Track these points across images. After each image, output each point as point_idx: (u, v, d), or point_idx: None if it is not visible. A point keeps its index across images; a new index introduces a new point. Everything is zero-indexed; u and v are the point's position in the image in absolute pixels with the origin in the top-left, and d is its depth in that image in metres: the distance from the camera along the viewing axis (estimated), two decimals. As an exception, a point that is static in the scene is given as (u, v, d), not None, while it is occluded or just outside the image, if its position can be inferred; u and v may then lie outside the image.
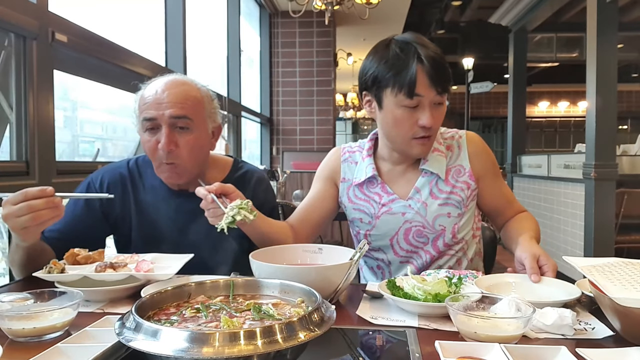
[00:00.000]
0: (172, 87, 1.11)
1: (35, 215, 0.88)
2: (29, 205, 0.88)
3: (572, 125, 12.43)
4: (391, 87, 1.08)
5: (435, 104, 1.10)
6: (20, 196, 0.89)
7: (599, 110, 3.46)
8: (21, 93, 1.54)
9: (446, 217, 1.16)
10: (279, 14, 5.20)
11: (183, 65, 2.81)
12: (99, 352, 0.61)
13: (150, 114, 1.09)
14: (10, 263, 1.08)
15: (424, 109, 1.08)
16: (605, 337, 0.73)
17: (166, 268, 0.96)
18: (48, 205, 0.89)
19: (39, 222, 0.89)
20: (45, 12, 1.61)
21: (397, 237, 1.20)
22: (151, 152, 1.11)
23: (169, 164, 1.11)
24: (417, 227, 1.18)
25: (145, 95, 1.12)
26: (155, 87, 1.12)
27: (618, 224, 3.61)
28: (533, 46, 6.88)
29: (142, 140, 1.14)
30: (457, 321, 0.71)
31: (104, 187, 1.20)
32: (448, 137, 1.23)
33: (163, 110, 1.08)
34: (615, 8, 3.48)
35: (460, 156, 1.20)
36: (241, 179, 1.26)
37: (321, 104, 5.23)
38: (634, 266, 0.79)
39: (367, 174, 1.22)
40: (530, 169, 5.07)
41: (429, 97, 1.08)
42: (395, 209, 1.19)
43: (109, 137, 2.56)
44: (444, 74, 1.08)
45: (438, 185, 1.17)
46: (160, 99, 1.09)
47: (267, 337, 0.54)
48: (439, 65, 1.07)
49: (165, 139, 1.07)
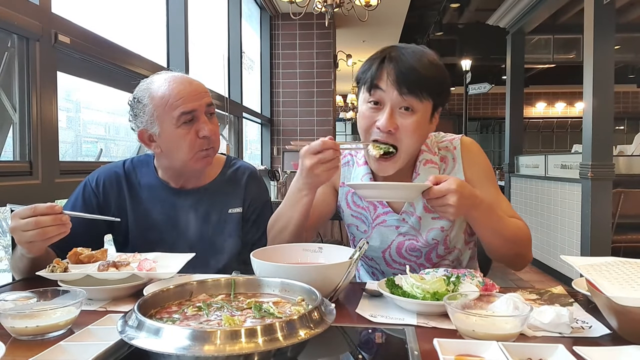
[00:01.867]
0: (191, 81, 1.16)
1: (42, 232, 0.90)
2: (36, 221, 0.90)
3: (569, 126, 12.45)
4: (362, 84, 1.08)
5: (402, 109, 1.02)
6: (28, 211, 0.90)
7: (596, 111, 3.47)
8: (24, 94, 1.54)
9: (439, 230, 1.12)
10: (280, 16, 5.21)
11: (185, 66, 2.81)
12: (102, 350, 0.62)
13: (190, 107, 1.11)
14: (12, 269, 1.09)
15: (384, 110, 1.02)
16: (602, 336, 0.73)
17: (168, 267, 0.97)
18: (55, 222, 0.91)
19: (45, 238, 0.91)
20: (48, 13, 1.61)
21: (390, 251, 1.17)
22: (191, 144, 1.13)
23: (208, 150, 1.15)
24: (410, 240, 1.14)
25: (170, 93, 1.12)
26: (175, 83, 1.13)
27: (614, 223, 3.62)
28: (530, 48, 6.90)
29: (175, 136, 1.12)
30: (456, 319, 0.71)
31: (99, 186, 1.21)
32: (442, 148, 1.17)
33: (200, 101, 1.13)
34: (612, 10, 3.50)
35: (455, 168, 1.14)
36: (234, 174, 1.28)
37: (321, 105, 5.24)
38: (631, 265, 0.80)
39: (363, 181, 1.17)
40: (527, 169, 5.09)
41: (390, 96, 1.01)
42: (389, 221, 1.16)
43: (112, 137, 2.56)
44: (411, 76, 1.00)
45: None
46: (193, 90, 1.13)
47: (268, 335, 0.54)
48: (408, 66, 1.01)
49: (209, 126, 1.14)
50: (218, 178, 1.26)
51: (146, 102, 1.13)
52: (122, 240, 1.24)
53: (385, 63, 1.03)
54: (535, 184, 4.82)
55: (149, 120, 1.13)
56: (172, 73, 1.17)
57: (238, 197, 1.25)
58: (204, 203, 1.22)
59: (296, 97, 5.26)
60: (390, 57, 1.03)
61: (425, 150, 1.14)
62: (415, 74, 1.01)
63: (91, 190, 1.21)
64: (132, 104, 1.16)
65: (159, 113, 1.12)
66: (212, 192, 1.24)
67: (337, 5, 3.46)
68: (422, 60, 1.03)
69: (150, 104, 1.12)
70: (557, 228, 4.30)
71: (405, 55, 1.03)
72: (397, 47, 1.07)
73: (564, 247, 4.17)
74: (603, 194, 3.54)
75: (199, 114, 1.13)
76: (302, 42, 5.22)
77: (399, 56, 1.03)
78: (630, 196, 3.64)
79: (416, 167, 1.13)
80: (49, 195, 1.60)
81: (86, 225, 1.16)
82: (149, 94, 1.13)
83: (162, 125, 1.12)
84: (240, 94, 4.29)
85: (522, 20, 5.12)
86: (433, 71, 1.03)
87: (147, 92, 1.14)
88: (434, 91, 1.03)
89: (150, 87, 1.14)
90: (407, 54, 1.04)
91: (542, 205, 4.63)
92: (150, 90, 1.13)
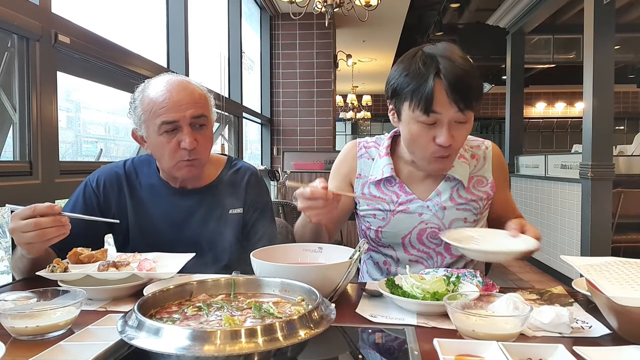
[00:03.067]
0: (184, 88, 1.12)
1: (41, 233, 0.90)
2: (36, 223, 0.89)
3: (569, 126, 12.45)
4: (409, 101, 1.04)
5: (457, 122, 1.04)
6: (28, 211, 0.90)
7: (596, 111, 3.47)
8: (24, 94, 1.54)
9: (462, 222, 1.17)
10: (280, 16, 5.21)
11: (185, 66, 2.81)
12: (102, 350, 0.62)
13: (172, 117, 1.09)
14: (12, 269, 1.09)
15: (442, 127, 1.03)
16: (602, 336, 0.73)
17: (168, 267, 0.97)
18: (55, 224, 0.91)
19: (44, 240, 0.91)
20: (48, 13, 1.61)
21: (410, 237, 1.19)
22: (171, 153, 1.12)
23: (191, 160, 1.13)
24: (432, 228, 1.17)
25: (156, 99, 1.10)
26: (165, 90, 1.10)
27: (614, 223, 3.63)
28: (530, 48, 6.90)
29: (157, 143, 1.12)
30: (455, 319, 0.71)
31: (100, 186, 1.21)
32: (474, 146, 1.23)
33: (184, 112, 1.09)
34: (612, 9, 3.50)
35: (484, 167, 1.22)
36: (234, 175, 1.27)
37: (321, 104, 5.24)
38: (631, 265, 0.80)
39: (385, 174, 1.19)
40: (527, 169, 5.09)
41: (448, 115, 1.02)
42: (412, 208, 1.18)
43: (112, 137, 2.57)
44: (467, 91, 1.01)
45: (459, 191, 1.18)
46: (179, 101, 1.10)
47: (268, 335, 0.54)
48: (462, 81, 1.00)
49: (189, 139, 1.10)
50: (219, 179, 1.26)
51: (137, 103, 1.13)
52: (123, 240, 1.24)
53: (437, 80, 1.01)
54: (535, 184, 4.82)
55: (138, 122, 1.14)
56: (170, 77, 1.15)
57: (239, 198, 1.25)
58: (204, 203, 1.22)
59: (296, 97, 5.26)
60: (440, 74, 1.01)
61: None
62: (470, 90, 1.02)
63: (92, 190, 1.21)
64: (130, 102, 1.17)
65: (146, 117, 1.12)
66: (213, 193, 1.24)
67: (337, 5, 3.46)
68: (469, 72, 1.02)
69: (140, 107, 1.13)
70: (557, 228, 4.30)
71: (455, 68, 1.01)
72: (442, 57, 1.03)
73: (564, 247, 4.17)
74: (603, 194, 3.54)
75: (181, 124, 1.10)
76: (302, 42, 5.22)
77: (450, 70, 1.01)
78: (630, 196, 3.64)
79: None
80: (48, 195, 1.60)
81: (86, 225, 1.16)
82: (142, 96, 1.13)
83: (147, 129, 1.13)
84: (240, 94, 4.29)
85: (522, 20, 5.12)
86: (477, 76, 1.04)
87: (141, 94, 1.14)
88: (480, 96, 1.05)
89: (145, 89, 1.14)
90: (456, 65, 1.01)
91: (542, 205, 4.63)
92: (144, 93, 1.13)
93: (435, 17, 7.69)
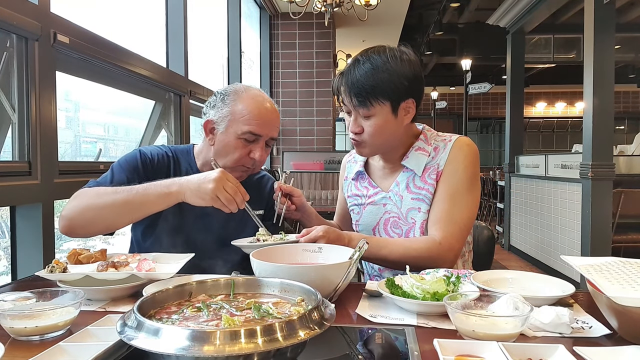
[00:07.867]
0: (274, 111, 1.25)
1: (231, 200, 1.03)
2: (237, 190, 1.04)
3: (569, 126, 12.46)
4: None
5: (364, 117, 1.15)
6: (232, 178, 1.06)
7: (596, 111, 3.47)
8: (23, 94, 1.54)
9: (417, 211, 1.21)
10: (279, 16, 5.21)
11: (184, 66, 2.81)
12: (101, 351, 0.62)
13: (259, 131, 1.19)
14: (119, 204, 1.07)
15: (350, 117, 1.18)
16: (603, 336, 0.73)
17: (167, 267, 0.97)
18: (241, 203, 1.06)
19: (233, 200, 1.03)
20: (47, 13, 1.61)
21: (379, 227, 1.28)
22: (240, 157, 1.21)
23: (248, 169, 1.24)
24: (393, 217, 1.25)
25: (251, 110, 1.19)
26: (262, 106, 1.21)
27: (615, 223, 3.62)
28: (531, 47, 6.90)
29: (232, 143, 1.20)
30: (456, 319, 0.71)
31: (154, 160, 1.25)
32: (440, 140, 1.24)
33: (269, 131, 1.22)
34: (612, 9, 3.50)
35: (440, 157, 1.21)
36: (259, 181, 1.38)
37: (321, 104, 5.24)
38: (632, 265, 0.80)
39: (356, 170, 1.34)
40: (527, 169, 5.09)
41: (350, 106, 1.16)
42: (377, 200, 1.28)
43: (111, 137, 2.57)
44: (355, 89, 1.12)
45: (414, 181, 1.22)
46: (270, 120, 1.22)
47: (268, 336, 0.54)
48: (354, 80, 1.13)
49: (261, 153, 1.22)
50: (245, 182, 1.27)
51: (228, 102, 1.21)
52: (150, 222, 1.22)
53: (341, 78, 1.17)
54: (535, 184, 4.82)
55: (220, 117, 1.21)
56: (264, 95, 1.26)
57: (261, 201, 1.35)
58: None
59: (296, 97, 5.26)
60: (342, 73, 1.17)
61: (422, 140, 1.25)
62: (358, 87, 1.12)
63: (148, 160, 1.24)
64: (217, 95, 1.24)
65: (232, 119, 1.20)
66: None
67: (336, 5, 3.46)
68: (365, 71, 1.13)
69: (230, 107, 1.20)
70: (557, 228, 4.30)
71: (354, 68, 1.14)
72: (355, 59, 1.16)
73: (564, 247, 4.17)
74: (603, 194, 3.54)
75: (261, 139, 1.21)
76: (301, 41, 5.22)
77: (349, 71, 1.15)
78: (631, 196, 3.64)
79: (408, 152, 1.24)
80: (48, 196, 1.60)
81: None
82: (235, 99, 1.21)
83: (227, 128, 1.20)
84: (240, 94, 4.28)
85: (522, 19, 5.12)
86: (378, 77, 1.12)
87: (235, 96, 1.21)
88: (384, 95, 1.12)
89: (241, 94, 1.22)
90: (358, 65, 1.14)
91: (542, 205, 4.63)
92: (238, 97, 1.21)
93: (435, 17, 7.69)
